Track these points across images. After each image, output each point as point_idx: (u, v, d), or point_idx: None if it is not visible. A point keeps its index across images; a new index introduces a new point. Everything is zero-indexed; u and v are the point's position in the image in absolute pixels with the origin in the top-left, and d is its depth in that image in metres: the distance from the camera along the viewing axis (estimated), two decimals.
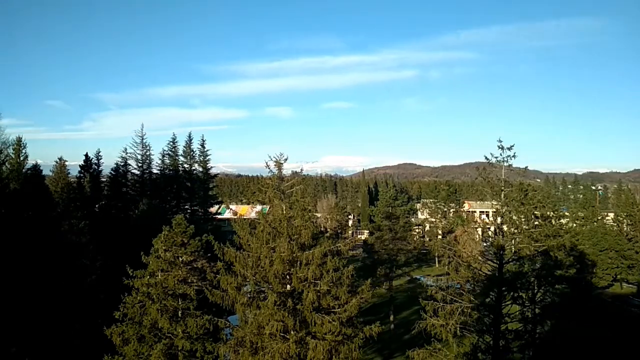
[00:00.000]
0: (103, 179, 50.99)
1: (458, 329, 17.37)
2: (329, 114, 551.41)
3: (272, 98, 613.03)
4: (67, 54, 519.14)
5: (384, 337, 38.13)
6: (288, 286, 17.16)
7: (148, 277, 18.77)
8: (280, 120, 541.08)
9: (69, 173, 43.94)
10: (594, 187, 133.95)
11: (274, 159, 18.24)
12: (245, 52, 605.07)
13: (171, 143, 56.99)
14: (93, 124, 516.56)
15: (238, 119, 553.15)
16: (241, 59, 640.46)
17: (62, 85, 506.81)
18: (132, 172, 53.66)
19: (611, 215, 74.81)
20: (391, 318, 40.62)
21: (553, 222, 38.86)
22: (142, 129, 54.14)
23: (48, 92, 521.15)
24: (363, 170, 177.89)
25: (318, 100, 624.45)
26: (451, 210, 75.89)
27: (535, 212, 20.07)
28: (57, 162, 43.73)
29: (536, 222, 20.22)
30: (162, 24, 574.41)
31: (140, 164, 53.85)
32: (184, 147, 57.42)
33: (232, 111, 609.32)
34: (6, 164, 30.79)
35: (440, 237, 69.58)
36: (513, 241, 18.97)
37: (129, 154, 52.86)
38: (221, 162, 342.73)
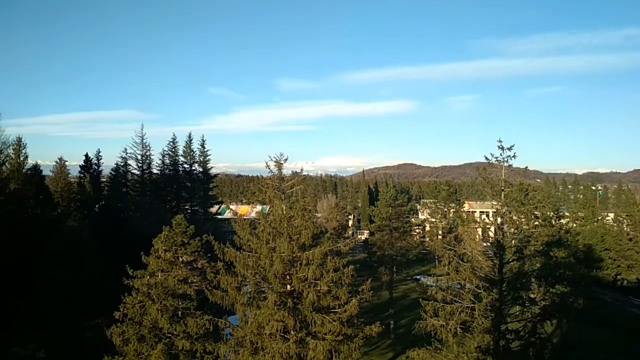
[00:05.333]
0: (103, 179, 51.02)
1: (458, 329, 17.33)
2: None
3: None
4: None
5: (384, 338, 38.20)
6: (288, 286, 17.13)
7: (148, 277, 18.78)
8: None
9: (69, 173, 44.02)
10: (594, 188, 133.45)
11: (274, 159, 18.23)
12: None
13: (171, 143, 56.97)
14: None
15: None
16: None
17: None
18: (132, 172, 53.63)
19: (611, 215, 74.69)
20: (391, 319, 40.58)
21: (553, 222, 38.78)
22: (142, 129, 54.13)
23: None
24: (363, 171, 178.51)
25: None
26: (451, 211, 75.75)
27: (535, 212, 20.02)
28: (57, 162, 43.82)
29: (536, 222, 20.15)
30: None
31: (140, 164, 53.79)
32: (184, 147, 57.44)
33: None
34: (6, 164, 30.77)
35: (440, 237, 69.50)
36: (513, 241, 18.96)
37: (129, 154, 52.85)
38: (221, 162, 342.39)
